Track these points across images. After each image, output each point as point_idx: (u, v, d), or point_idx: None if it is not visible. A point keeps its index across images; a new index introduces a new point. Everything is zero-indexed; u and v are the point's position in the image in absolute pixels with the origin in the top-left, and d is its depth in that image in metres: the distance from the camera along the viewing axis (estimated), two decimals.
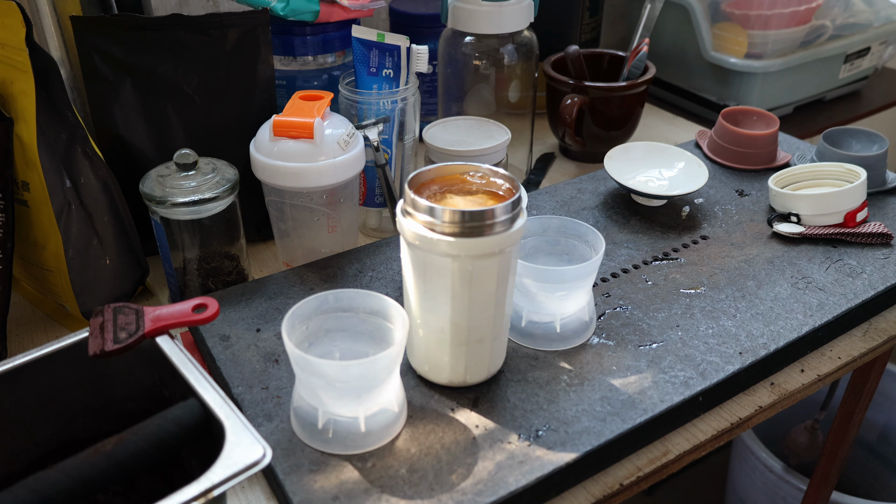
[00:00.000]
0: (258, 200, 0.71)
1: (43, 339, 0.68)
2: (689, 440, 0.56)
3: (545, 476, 0.49)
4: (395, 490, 0.48)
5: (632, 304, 0.65)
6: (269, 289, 0.66)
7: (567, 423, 0.53)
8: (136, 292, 0.71)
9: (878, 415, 1.39)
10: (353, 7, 0.79)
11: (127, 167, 0.70)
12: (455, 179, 0.54)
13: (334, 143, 0.66)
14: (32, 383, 0.48)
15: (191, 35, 0.68)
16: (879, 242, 0.73)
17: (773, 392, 0.61)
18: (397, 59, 0.74)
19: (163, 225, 0.65)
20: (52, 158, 0.62)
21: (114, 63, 0.67)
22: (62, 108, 0.63)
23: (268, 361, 0.58)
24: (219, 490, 0.38)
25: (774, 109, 1.13)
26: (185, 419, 0.43)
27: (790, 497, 1.23)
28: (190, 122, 0.71)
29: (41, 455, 0.49)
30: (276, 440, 0.51)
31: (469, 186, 0.54)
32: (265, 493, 0.52)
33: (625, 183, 0.77)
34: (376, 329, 0.54)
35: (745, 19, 1.07)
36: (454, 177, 0.54)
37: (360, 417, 0.50)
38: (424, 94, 0.99)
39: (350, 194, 0.71)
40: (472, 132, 0.79)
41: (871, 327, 0.68)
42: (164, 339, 0.48)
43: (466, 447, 0.51)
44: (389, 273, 0.69)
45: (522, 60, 0.87)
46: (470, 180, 0.54)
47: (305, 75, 0.81)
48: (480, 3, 0.82)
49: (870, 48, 1.19)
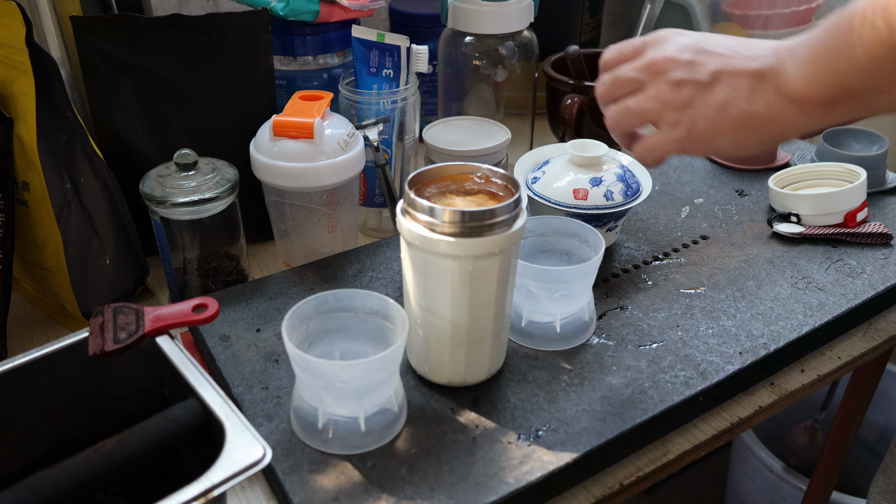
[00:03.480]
0: (258, 200, 0.71)
1: (43, 339, 0.68)
2: (689, 440, 0.56)
3: (545, 476, 0.49)
4: (395, 490, 0.48)
5: (632, 304, 0.65)
6: (269, 289, 0.66)
7: (567, 423, 0.53)
8: (136, 292, 0.71)
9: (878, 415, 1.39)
10: (353, 7, 0.79)
11: (127, 167, 0.70)
12: (455, 179, 0.54)
13: (334, 143, 0.66)
14: (32, 383, 0.48)
15: (191, 35, 0.68)
16: (879, 242, 0.73)
17: (773, 392, 0.61)
18: (397, 59, 0.74)
19: (163, 225, 0.65)
20: (52, 158, 0.62)
21: (114, 63, 0.67)
22: (62, 108, 0.63)
23: (268, 361, 0.58)
24: (219, 490, 0.38)
25: None
26: (185, 419, 0.43)
27: (790, 497, 1.23)
28: (190, 122, 0.71)
29: (41, 455, 0.49)
30: (276, 440, 0.51)
31: (469, 186, 0.54)
32: (265, 493, 0.52)
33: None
34: (376, 329, 0.54)
35: (745, 19, 1.07)
36: (454, 177, 0.54)
37: (360, 417, 0.50)
38: (424, 94, 0.99)
39: (350, 194, 0.71)
40: (472, 132, 0.79)
41: (871, 327, 0.68)
42: (164, 339, 0.48)
43: (466, 447, 0.51)
44: (389, 273, 0.69)
45: (522, 60, 0.87)
46: (470, 180, 0.54)
47: (305, 75, 0.81)
48: (480, 3, 0.82)
49: None
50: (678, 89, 0.48)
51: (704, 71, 0.48)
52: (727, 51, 0.48)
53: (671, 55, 0.49)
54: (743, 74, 0.47)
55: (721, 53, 0.48)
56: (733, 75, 0.47)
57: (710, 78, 0.47)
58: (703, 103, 0.48)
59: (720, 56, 0.48)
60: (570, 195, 0.68)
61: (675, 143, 0.50)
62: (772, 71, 0.45)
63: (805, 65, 0.44)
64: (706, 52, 0.48)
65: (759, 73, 0.46)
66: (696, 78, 0.48)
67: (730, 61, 0.47)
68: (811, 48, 0.44)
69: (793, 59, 0.45)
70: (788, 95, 0.44)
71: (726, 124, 0.47)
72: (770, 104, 0.45)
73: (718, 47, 0.48)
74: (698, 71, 0.48)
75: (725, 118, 0.47)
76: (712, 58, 0.48)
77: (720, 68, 0.47)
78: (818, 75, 0.43)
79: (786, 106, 0.45)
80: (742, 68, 0.47)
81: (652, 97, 0.50)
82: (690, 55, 0.49)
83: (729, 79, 0.47)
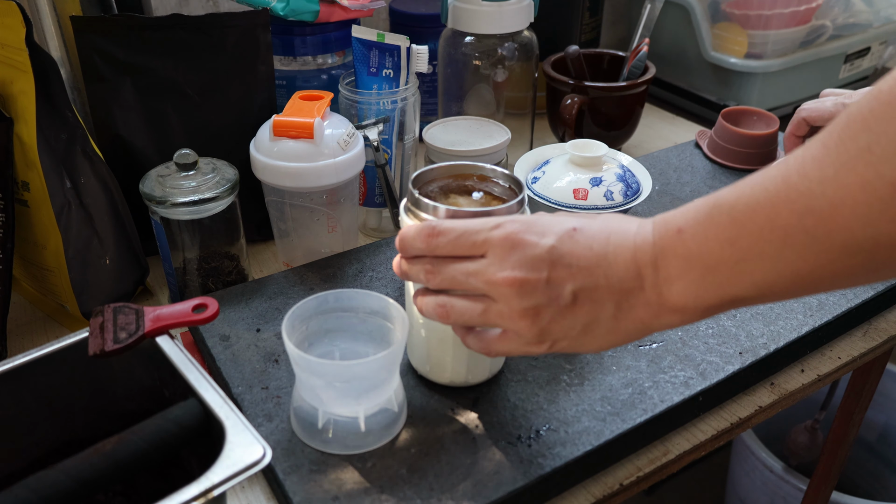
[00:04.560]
0: (258, 200, 0.71)
1: (43, 339, 0.68)
2: (689, 440, 0.56)
3: (545, 476, 0.49)
4: (395, 490, 0.48)
5: None
6: (269, 289, 0.66)
7: (567, 423, 0.53)
8: (136, 292, 0.71)
9: (878, 415, 1.39)
10: (353, 7, 0.79)
11: (127, 167, 0.70)
12: (458, 179, 0.54)
13: (334, 143, 0.66)
14: (32, 383, 0.48)
15: (191, 35, 0.68)
16: None
17: (773, 392, 0.61)
18: (397, 59, 0.74)
19: (163, 225, 0.65)
20: (52, 158, 0.62)
21: (114, 63, 0.67)
22: (62, 108, 0.63)
23: (268, 361, 0.58)
24: (219, 490, 0.38)
25: (774, 109, 1.13)
26: (185, 419, 0.43)
27: (790, 497, 1.23)
28: (190, 122, 0.71)
29: (41, 455, 0.49)
30: (276, 440, 0.51)
31: (472, 186, 0.54)
32: (265, 493, 0.52)
33: None
34: (376, 329, 0.54)
35: (745, 19, 1.07)
36: (457, 176, 0.54)
37: (360, 417, 0.50)
38: (424, 94, 0.99)
39: (350, 194, 0.71)
40: (472, 132, 0.79)
41: (871, 327, 0.68)
42: (164, 339, 0.48)
43: (466, 447, 0.51)
44: (389, 273, 0.69)
45: (522, 60, 0.87)
46: (473, 180, 0.54)
47: (305, 75, 0.81)
48: (480, 3, 0.82)
49: (870, 48, 1.19)
50: (534, 317, 0.42)
51: (564, 294, 0.41)
52: (587, 259, 0.41)
53: (523, 276, 0.42)
54: (607, 292, 0.41)
55: (580, 266, 0.41)
56: (596, 293, 0.41)
57: (570, 300, 0.41)
58: (566, 326, 0.42)
59: (580, 270, 0.41)
60: (570, 195, 0.68)
61: (527, 351, 0.45)
62: (640, 288, 0.40)
63: (688, 279, 0.38)
64: (563, 264, 0.41)
65: (626, 291, 0.41)
66: (556, 303, 0.42)
67: (590, 279, 0.41)
68: (700, 256, 0.38)
69: (674, 264, 0.39)
70: (664, 306, 0.40)
71: (592, 339, 0.43)
72: (640, 318, 0.41)
73: (578, 253, 0.41)
74: (557, 294, 0.41)
75: (590, 335, 0.42)
76: (571, 274, 0.41)
77: (581, 287, 0.41)
78: (705, 292, 0.38)
79: (660, 314, 0.40)
80: (606, 287, 0.41)
81: (499, 315, 0.44)
82: (545, 271, 0.41)
83: (592, 298, 0.41)
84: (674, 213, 0.40)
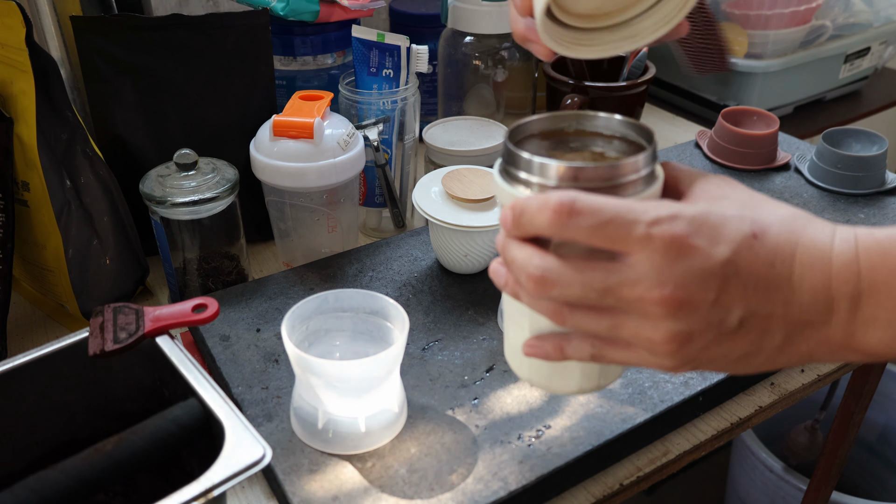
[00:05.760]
0: (258, 200, 0.71)
1: (43, 339, 0.68)
2: (689, 440, 0.56)
3: (545, 476, 0.49)
4: (395, 490, 0.48)
5: None
6: (269, 289, 0.66)
7: (567, 423, 0.53)
8: (136, 292, 0.71)
9: (878, 415, 1.39)
10: (353, 7, 0.79)
11: (127, 167, 0.70)
12: (557, 133, 0.40)
13: (334, 143, 0.66)
14: (32, 383, 0.48)
15: (191, 35, 0.68)
16: None
17: (773, 392, 0.61)
18: (397, 59, 0.74)
19: (163, 225, 0.65)
20: (52, 158, 0.62)
21: (114, 63, 0.67)
22: (62, 108, 0.63)
23: (268, 361, 0.58)
24: (219, 490, 0.38)
25: (774, 109, 1.13)
26: (185, 419, 0.43)
27: (790, 497, 1.23)
28: (190, 122, 0.71)
29: (41, 455, 0.49)
30: (276, 440, 0.51)
31: (573, 142, 0.40)
32: (265, 493, 0.52)
33: None
34: (376, 329, 0.54)
35: (745, 19, 1.07)
36: (558, 131, 0.40)
37: (360, 417, 0.50)
38: (424, 94, 0.99)
39: (350, 194, 0.71)
40: (472, 132, 0.79)
41: None
42: (164, 339, 0.48)
43: (466, 447, 0.51)
44: (389, 273, 0.69)
45: (522, 60, 0.87)
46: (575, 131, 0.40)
47: (305, 75, 0.81)
48: (480, 3, 0.82)
49: (870, 48, 1.19)
50: (683, 343, 0.33)
51: (730, 320, 0.32)
52: (767, 279, 0.32)
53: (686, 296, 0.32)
54: (782, 322, 0.33)
55: (757, 287, 0.32)
56: (768, 323, 0.33)
57: (734, 327, 0.33)
58: (718, 354, 0.34)
59: (755, 293, 0.32)
60: None
61: (653, 367, 0.36)
62: (824, 322, 0.32)
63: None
64: (738, 284, 0.32)
65: (804, 323, 0.33)
66: (716, 329, 0.33)
67: (766, 305, 0.32)
68: None
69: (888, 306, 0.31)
70: (850, 347, 0.33)
71: (741, 367, 0.35)
72: (809, 352, 0.34)
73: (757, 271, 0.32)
74: (720, 319, 0.32)
75: (742, 364, 0.35)
76: (744, 296, 0.32)
77: (752, 314, 0.33)
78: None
79: (837, 352, 0.33)
80: (782, 316, 0.33)
81: (635, 334, 0.33)
82: (714, 291, 0.32)
83: (761, 327, 0.33)
84: (891, 235, 0.32)
